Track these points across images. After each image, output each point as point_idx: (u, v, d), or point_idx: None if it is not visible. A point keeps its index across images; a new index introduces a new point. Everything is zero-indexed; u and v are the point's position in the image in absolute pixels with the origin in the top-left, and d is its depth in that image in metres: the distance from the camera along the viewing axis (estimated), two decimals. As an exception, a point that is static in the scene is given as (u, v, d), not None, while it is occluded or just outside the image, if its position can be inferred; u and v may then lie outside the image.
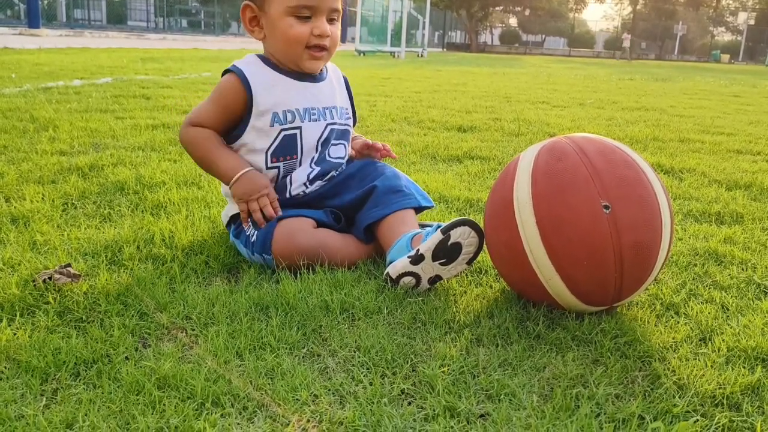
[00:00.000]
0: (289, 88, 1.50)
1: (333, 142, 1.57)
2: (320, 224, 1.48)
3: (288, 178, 1.53)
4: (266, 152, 1.50)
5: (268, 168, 1.51)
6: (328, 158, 1.57)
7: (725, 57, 43.49)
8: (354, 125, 1.68)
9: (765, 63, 32.24)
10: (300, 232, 1.42)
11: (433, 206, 1.58)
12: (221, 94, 1.49)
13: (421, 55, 19.69)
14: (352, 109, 1.66)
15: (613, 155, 1.22)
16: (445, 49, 40.29)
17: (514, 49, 48.91)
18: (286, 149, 1.51)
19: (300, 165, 1.54)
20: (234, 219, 1.54)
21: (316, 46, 1.46)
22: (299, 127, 1.50)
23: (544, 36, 57.42)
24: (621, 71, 14.88)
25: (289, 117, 1.49)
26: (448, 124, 3.87)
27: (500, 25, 58.85)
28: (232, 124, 1.50)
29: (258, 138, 1.49)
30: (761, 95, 8.11)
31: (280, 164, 1.52)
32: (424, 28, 23.30)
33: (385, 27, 18.63)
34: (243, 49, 15.47)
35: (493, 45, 52.22)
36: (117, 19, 29.77)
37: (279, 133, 1.49)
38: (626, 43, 36.21)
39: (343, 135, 1.60)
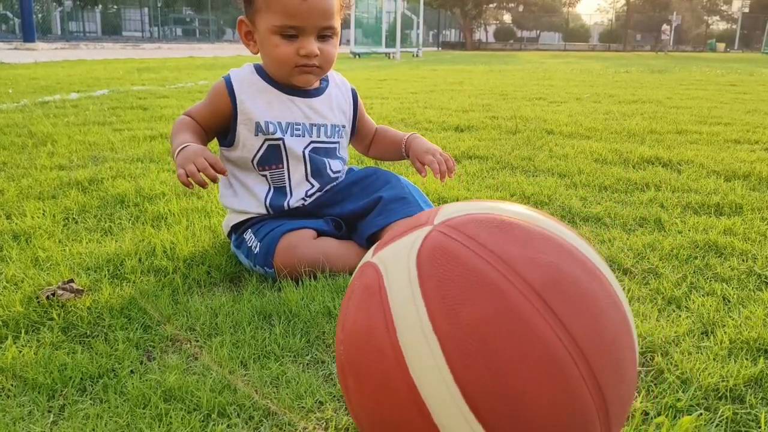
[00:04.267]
0: (273, 99, 1.49)
1: (327, 159, 1.55)
2: (320, 233, 1.48)
3: (287, 191, 1.53)
4: (253, 161, 1.51)
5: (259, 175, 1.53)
6: (328, 172, 1.56)
7: (721, 46, 43.46)
8: (352, 137, 1.68)
9: (762, 51, 32.17)
10: (301, 244, 1.43)
11: None
12: (211, 96, 1.51)
13: (417, 55, 19.69)
14: (353, 125, 1.64)
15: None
16: (440, 48, 40.32)
17: (509, 46, 48.94)
18: (271, 158, 1.51)
19: (289, 177, 1.52)
20: (235, 228, 1.55)
21: (305, 65, 1.43)
22: (281, 139, 1.49)
23: (538, 31, 57.41)
24: (617, 64, 14.87)
25: (271, 128, 1.48)
26: (445, 124, 3.87)
27: (494, 22, 58.87)
28: (220, 127, 1.51)
29: (246, 145, 1.49)
30: (758, 83, 8.10)
31: (267, 173, 1.52)
32: (418, 27, 23.31)
33: (380, 28, 18.63)
34: (238, 56, 15.50)
35: (488, 42, 52.25)
36: (112, 29, 29.81)
37: (263, 142, 1.49)
38: (665, 36, 34.49)
39: (331, 152, 1.57)
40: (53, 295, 1.28)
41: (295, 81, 1.47)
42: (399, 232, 0.77)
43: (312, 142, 1.53)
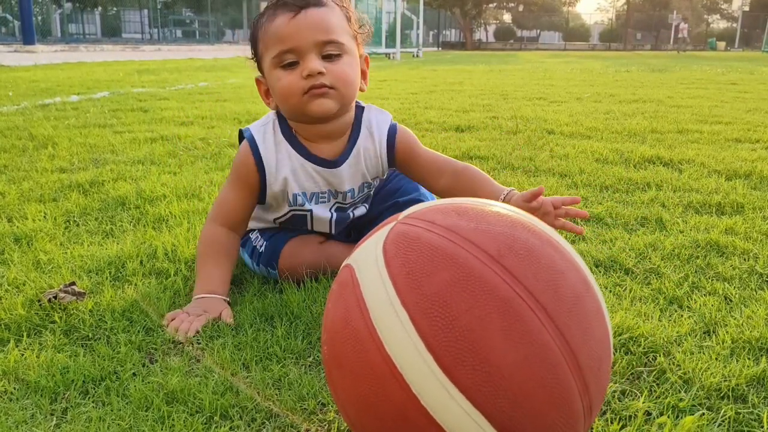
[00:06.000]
0: (298, 168, 1.37)
1: (352, 211, 1.48)
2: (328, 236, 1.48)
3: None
4: (275, 220, 1.47)
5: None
6: (351, 220, 1.49)
7: (721, 44, 43.43)
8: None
9: (762, 49, 32.13)
10: (307, 249, 1.42)
11: None
12: (238, 172, 1.38)
13: (417, 56, 19.69)
14: (389, 165, 1.45)
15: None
16: (440, 48, 40.31)
17: (509, 46, 48.98)
18: (296, 224, 1.46)
19: (312, 230, 1.48)
20: None
21: (313, 87, 1.26)
22: (309, 210, 1.41)
23: (538, 31, 57.43)
24: (617, 63, 14.86)
25: (299, 200, 1.39)
26: (445, 124, 3.87)
27: (494, 21, 58.89)
28: (257, 197, 1.40)
29: (271, 206, 1.43)
30: (758, 82, 8.10)
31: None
32: (418, 28, 23.33)
33: (380, 29, 18.61)
34: (237, 57, 15.50)
35: (488, 42, 52.28)
36: (112, 31, 29.84)
37: (288, 211, 1.43)
38: (683, 33, 32.51)
39: (357, 204, 1.49)
40: (55, 297, 1.28)
41: (310, 111, 1.28)
42: (369, 235, 0.83)
43: (337, 202, 1.44)
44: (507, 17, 60.08)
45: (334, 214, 1.45)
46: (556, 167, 2.60)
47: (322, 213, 1.43)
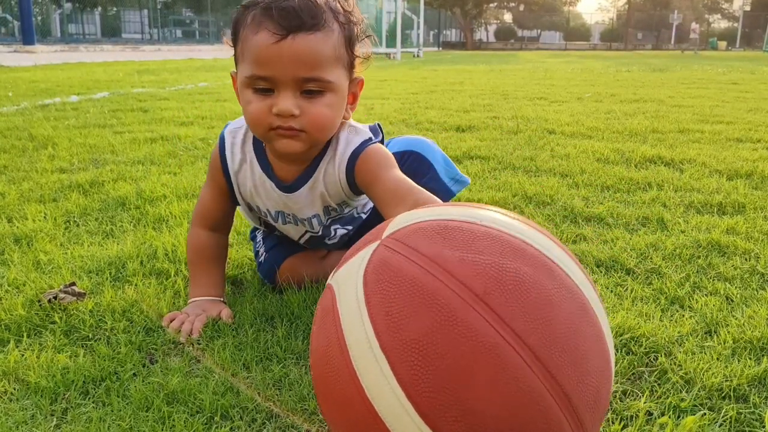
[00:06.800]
0: (259, 186, 1.29)
1: (329, 234, 1.40)
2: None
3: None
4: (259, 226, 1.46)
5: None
6: (330, 241, 1.42)
7: (722, 44, 43.40)
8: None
9: (763, 49, 32.10)
10: (306, 265, 1.41)
11: (466, 184, 1.55)
12: (210, 170, 1.33)
13: (417, 55, 19.69)
14: (351, 189, 1.28)
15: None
16: (440, 48, 40.29)
17: (510, 45, 49.00)
18: (268, 228, 1.45)
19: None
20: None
21: (280, 128, 1.13)
22: (275, 224, 1.38)
23: (539, 31, 57.41)
24: (618, 63, 14.85)
25: (263, 212, 1.35)
26: (446, 124, 3.87)
27: (495, 21, 58.89)
28: (230, 198, 1.35)
29: (244, 211, 1.41)
30: (759, 82, 8.10)
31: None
32: (418, 28, 23.32)
33: (380, 28, 18.61)
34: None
35: (489, 42, 52.31)
36: (111, 32, 29.81)
37: (259, 219, 1.41)
38: (694, 34, 32.87)
39: (336, 221, 1.38)
40: (55, 298, 1.28)
41: (275, 147, 1.19)
42: (354, 250, 0.79)
43: (307, 231, 1.37)
44: (507, 17, 60.10)
45: (305, 237, 1.40)
46: (557, 167, 2.59)
47: (292, 233, 1.40)
